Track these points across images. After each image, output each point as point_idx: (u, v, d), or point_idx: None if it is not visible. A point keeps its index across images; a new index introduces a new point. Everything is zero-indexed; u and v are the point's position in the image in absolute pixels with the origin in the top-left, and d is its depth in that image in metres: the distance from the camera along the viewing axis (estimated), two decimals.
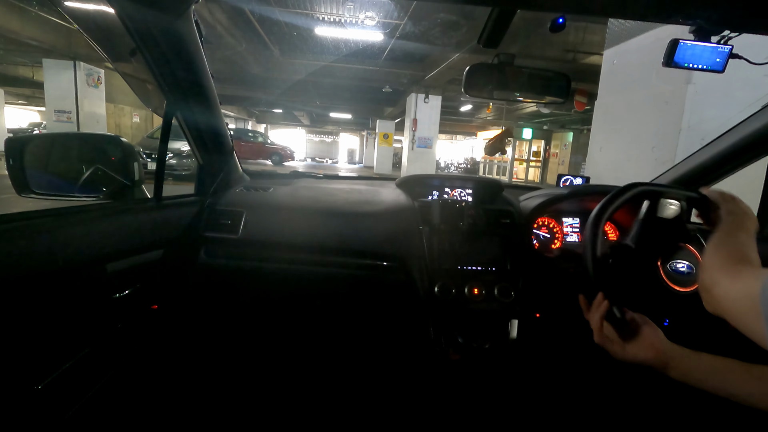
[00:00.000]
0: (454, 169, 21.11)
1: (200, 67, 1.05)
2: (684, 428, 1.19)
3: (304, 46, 8.58)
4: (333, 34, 7.44)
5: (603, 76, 3.26)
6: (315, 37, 7.74)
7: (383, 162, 15.53)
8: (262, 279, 1.21)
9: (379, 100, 14.12)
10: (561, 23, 0.88)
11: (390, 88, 11.09)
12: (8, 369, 0.72)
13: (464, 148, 29.29)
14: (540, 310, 1.20)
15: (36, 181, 0.96)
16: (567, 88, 1.04)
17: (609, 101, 3.26)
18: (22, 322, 0.73)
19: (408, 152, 11.18)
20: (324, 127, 26.94)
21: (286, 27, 7.44)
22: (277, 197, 1.28)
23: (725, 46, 0.87)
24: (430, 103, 10.78)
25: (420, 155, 11.04)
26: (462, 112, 16.17)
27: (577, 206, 1.30)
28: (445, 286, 1.09)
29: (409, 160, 11.14)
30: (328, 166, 23.12)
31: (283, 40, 8.36)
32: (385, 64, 9.31)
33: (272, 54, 8.98)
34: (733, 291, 0.56)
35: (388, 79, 10.29)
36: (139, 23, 0.90)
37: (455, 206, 1.19)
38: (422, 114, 10.79)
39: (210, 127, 1.22)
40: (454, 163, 22.10)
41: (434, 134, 11.14)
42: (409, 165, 11.10)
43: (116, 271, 0.92)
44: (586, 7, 0.86)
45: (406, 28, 6.89)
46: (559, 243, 1.30)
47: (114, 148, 1.12)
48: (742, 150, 1.12)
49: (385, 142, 15.88)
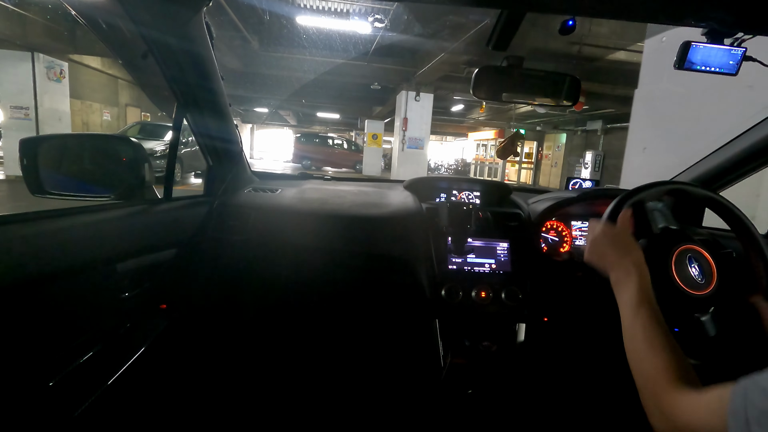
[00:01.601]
0: (444, 171, 20.84)
1: (211, 70, 1.06)
2: None
3: (285, 37, 7.96)
4: (316, 23, 6.83)
5: (646, 58, 2.64)
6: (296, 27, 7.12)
7: (372, 164, 15.04)
8: (270, 279, 1.24)
9: (367, 98, 13.64)
10: (571, 25, 0.87)
11: (379, 85, 10.45)
12: (21, 366, 0.72)
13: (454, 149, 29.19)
14: (548, 314, 1.18)
15: (49, 181, 0.96)
16: (577, 90, 1.03)
17: (656, 90, 2.62)
18: (34, 320, 0.73)
19: (398, 153, 10.50)
20: (311, 127, 26.59)
21: (264, 15, 6.80)
22: (285, 199, 1.28)
23: (739, 49, 0.86)
24: (421, 102, 10.14)
25: (410, 156, 10.39)
26: (453, 112, 15.68)
27: (587, 210, 1.28)
28: (452, 289, 1.09)
29: (399, 161, 10.46)
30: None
31: (262, 30, 7.72)
32: (374, 59, 8.71)
33: (251, 46, 8.31)
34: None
35: (377, 75, 9.67)
36: (150, 27, 0.89)
37: (463, 209, 1.14)
38: (413, 113, 10.13)
39: (220, 128, 1.22)
40: (445, 165, 21.88)
41: (426, 134, 10.51)
42: (399, 167, 10.44)
43: (126, 271, 0.92)
44: (597, 9, 0.84)
45: (396, 17, 6.30)
46: (567, 247, 1.27)
47: (125, 148, 1.11)
48: (760, 152, 1.10)
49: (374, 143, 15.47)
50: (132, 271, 0.94)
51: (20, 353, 0.72)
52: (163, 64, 0.98)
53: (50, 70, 8.90)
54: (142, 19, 0.87)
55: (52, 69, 8.94)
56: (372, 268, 1.18)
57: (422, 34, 6.87)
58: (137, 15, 0.86)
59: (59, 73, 9.15)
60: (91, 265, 0.83)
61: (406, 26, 6.61)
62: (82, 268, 0.81)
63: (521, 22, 0.82)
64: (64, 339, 0.81)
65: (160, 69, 0.99)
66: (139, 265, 0.96)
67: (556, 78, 1.03)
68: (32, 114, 8.63)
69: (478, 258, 1.15)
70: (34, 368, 0.75)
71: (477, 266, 1.14)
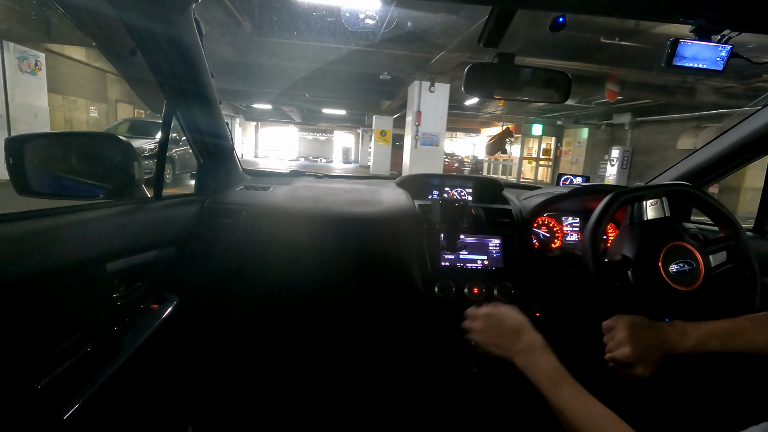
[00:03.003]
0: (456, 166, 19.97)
1: (200, 66, 1.06)
2: (686, 426, 1.19)
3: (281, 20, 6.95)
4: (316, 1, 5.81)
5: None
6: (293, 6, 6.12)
7: (381, 162, 14.13)
8: (262, 278, 1.24)
9: (376, 92, 12.65)
10: (561, 22, 0.88)
11: (389, 75, 9.38)
12: (7, 369, 0.71)
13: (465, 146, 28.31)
14: (540, 309, 1.19)
15: (36, 180, 0.92)
16: (567, 87, 1.05)
17: None
18: (21, 322, 0.72)
19: (410, 151, 9.38)
20: (317, 124, 25.99)
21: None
22: (276, 197, 1.29)
23: (725, 46, 0.89)
24: (436, 93, 9.06)
25: (424, 154, 9.30)
26: (467, 105, 14.60)
27: (578, 205, 1.31)
28: (445, 286, 1.11)
29: (412, 160, 9.35)
30: (321, 166, 22.46)
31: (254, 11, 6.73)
32: (383, 44, 7.67)
33: (243, 31, 7.33)
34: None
35: (387, 63, 8.61)
36: (138, 22, 0.89)
37: (455, 205, 1.12)
38: (427, 105, 9.03)
39: (210, 126, 1.22)
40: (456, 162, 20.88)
41: (441, 129, 9.40)
42: (412, 166, 9.33)
43: (116, 271, 0.91)
44: (586, 6, 0.87)
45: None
46: (559, 242, 1.31)
47: (114, 147, 1.07)
48: (741, 149, 1.14)
49: (382, 139, 14.61)
50: (122, 270, 0.93)
51: (6, 355, 0.69)
52: (152, 60, 0.98)
53: (23, 61, 8.02)
54: (129, 15, 0.87)
55: (25, 60, 8.06)
56: (365, 265, 1.19)
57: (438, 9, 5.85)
58: (125, 10, 0.86)
59: (34, 64, 8.27)
60: (80, 265, 0.81)
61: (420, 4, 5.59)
62: (70, 268, 0.79)
63: (512, 19, 0.83)
64: (53, 340, 0.79)
65: (149, 66, 0.99)
66: (130, 265, 0.95)
67: (546, 74, 1.05)
68: (2, 110, 7.73)
69: (471, 254, 1.17)
70: (21, 371, 0.72)
71: (470, 263, 1.17)
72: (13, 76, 7.82)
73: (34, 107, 8.35)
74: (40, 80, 8.45)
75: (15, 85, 7.87)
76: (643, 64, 7.77)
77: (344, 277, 1.20)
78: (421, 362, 1.21)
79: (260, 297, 1.27)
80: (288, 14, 6.77)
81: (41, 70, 8.45)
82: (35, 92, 8.37)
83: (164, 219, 1.08)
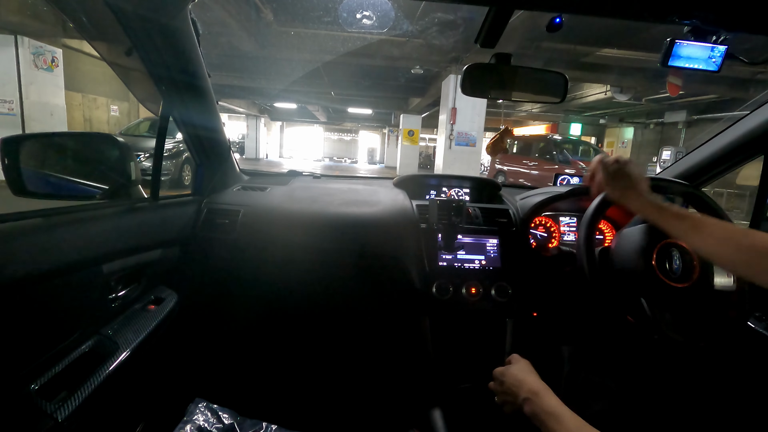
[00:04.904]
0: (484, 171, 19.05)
1: (197, 67, 1.05)
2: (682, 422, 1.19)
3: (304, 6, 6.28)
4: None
5: None
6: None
7: (408, 163, 13.36)
8: (259, 278, 1.23)
9: (405, 88, 11.92)
10: (558, 23, 0.88)
11: (421, 69, 8.59)
12: (3, 370, 0.70)
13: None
14: (537, 309, 1.20)
15: (32, 181, 0.91)
16: (564, 87, 1.05)
17: None
18: (17, 323, 0.71)
19: (444, 152, 8.51)
20: (342, 124, 25.60)
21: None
22: (273, 197, 1.28)
23: (721, 46, 0.88)
24: None
25: (459, 155, 8.43)
26: (500, 103, 13.63)
27: (574, 205, 1.31)
28: (443, 286, 1.10)
29: (446, 162, 8.50)
30: (346, 166, 21.94)
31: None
32: (416, 33, 6.88)
33: (264, 21, 6.72)
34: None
35: (419, 55, 7.82)
36: (135, 22, 0.89)
37: (452, 205, 1.13)
38: (463, 102, 8.19)
39: (206, 126, 1.22)
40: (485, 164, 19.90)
41: (479, 129, 8.52)
42: (445, 168, 8.51)
43: (113, 272, 0.91)
44: (582, 7, 0.86)
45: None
46: (556, 242, 1.31)
47: (110, 147, 1.08)
48: (737, 149, 1.14)
49: (409, 139, 13.89)
50: (119, 271, 0.93)
51: (2, 356, 0.68)
52: (149, 60, 0.98)
53: (38, 57, 7.68)
54: (126, 14, 0.86)
55: (41, 56, 7.72)
56: (362, 265, 1.18)
57: None
58: (121, 10, 0.85)
59: (50, 61, 7.94)
60: (76, 265, 0.81)
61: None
62: (67, 269, 0.78)
63: (509, 20, 0.82)
64: (49, 342, 0.78)
65: (145, 66, 0.98)
66: (126, 266, 0.95)
67: (543, 74, 1.05)
68: (17, 107, 7.41)
69: (468, 254, 1.16)
70: (18, 372, 0.71)
71: (467, 263, 1.16)
72: (28, 73, 7.48)
73: (50, 105, 8.01)
74: (56, 77, 8.11)
75: (30, 82, 7.53)
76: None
77: (342, 278, 1.20)
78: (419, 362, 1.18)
79: (258, 297, 1.28)
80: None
81: (58, 66, 8.11)
82: (51, 89, 8.03)
83: (161, 220, 1.08)
